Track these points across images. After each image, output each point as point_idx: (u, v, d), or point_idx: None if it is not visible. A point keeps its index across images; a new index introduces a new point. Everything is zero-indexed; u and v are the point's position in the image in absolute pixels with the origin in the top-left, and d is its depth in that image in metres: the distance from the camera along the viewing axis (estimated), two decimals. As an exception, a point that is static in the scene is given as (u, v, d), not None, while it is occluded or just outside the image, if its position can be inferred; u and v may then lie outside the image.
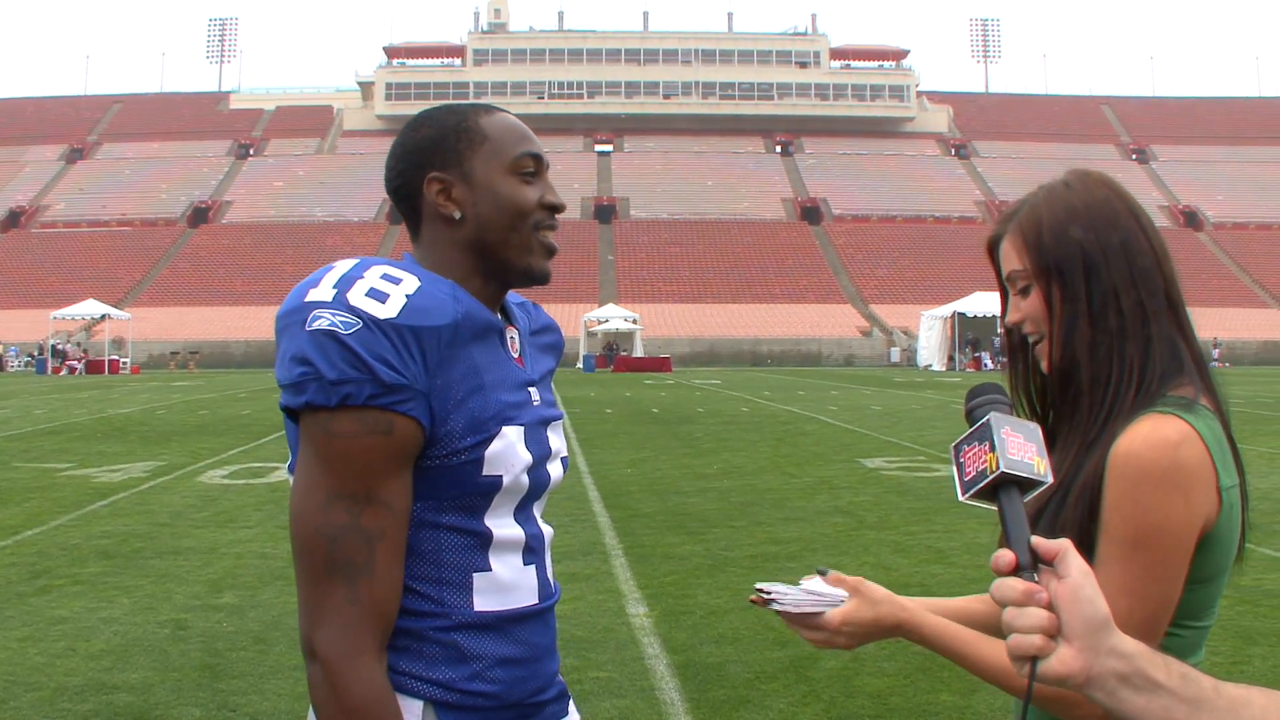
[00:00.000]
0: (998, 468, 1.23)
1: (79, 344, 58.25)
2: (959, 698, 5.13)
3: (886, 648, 5.97)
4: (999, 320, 1.83)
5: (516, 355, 1.76)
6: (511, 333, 1.78)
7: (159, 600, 7.11)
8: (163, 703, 5.14)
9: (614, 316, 59.59)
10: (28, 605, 6.97)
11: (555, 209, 1.76)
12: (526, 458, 1.67)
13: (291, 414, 1.58)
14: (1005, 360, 1.88)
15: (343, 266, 1.60)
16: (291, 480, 1.61)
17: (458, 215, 1.71)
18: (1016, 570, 1.18)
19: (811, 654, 5.86)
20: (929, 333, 56.10)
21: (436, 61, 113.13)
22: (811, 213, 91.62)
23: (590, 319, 59.57)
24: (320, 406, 1.52)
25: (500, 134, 1.73)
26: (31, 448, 16.47)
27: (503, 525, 1.68)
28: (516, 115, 1.79)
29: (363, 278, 1.57)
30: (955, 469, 1.29)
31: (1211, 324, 66.89)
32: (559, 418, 1.84)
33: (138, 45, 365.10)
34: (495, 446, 1.63)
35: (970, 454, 1.27)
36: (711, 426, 20.27)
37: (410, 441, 1.56)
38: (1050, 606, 1.15)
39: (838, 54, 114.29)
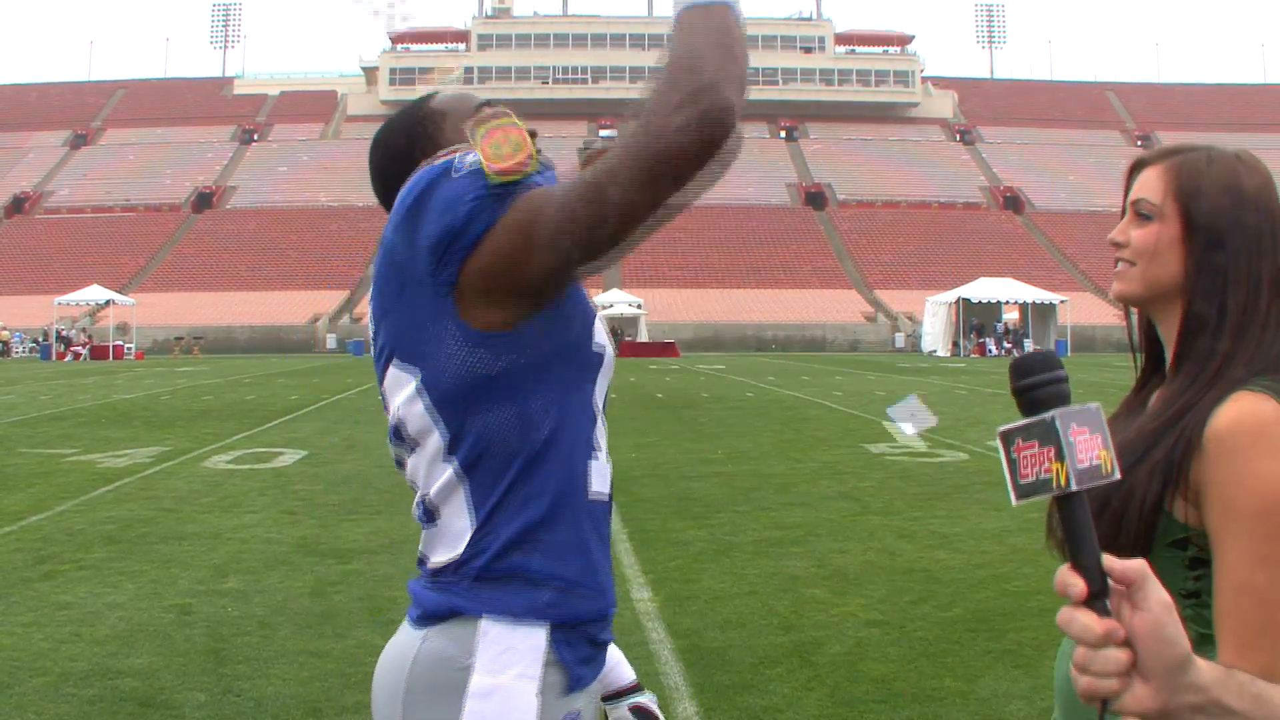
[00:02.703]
0: (1068, 483, 1.08)
1: (83, 330, 58.26)
2: (962, 683, 5.13)
3: (891, 634, 5.97)
4: (1002, 306, 1.84)
5: None
6: None
7: (164, 585, 7.12)
8: (168, 687, 5.15)
9: (618, 302, 59.56)
10: (33, 590, 6.98)
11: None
12: (608, 344, 1.84)
13: (451, 248, 1.64)
14: (1011, 347, 1.89)
15: (437, 159, 1.73)
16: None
17: None
18: (1088, 599, 1.07)
19: (815, 639, 5.87)
20: (934, 318, 56.01)
21: (440, 46, 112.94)
22: (816, 198, 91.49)
23: (595, 304, 59.46)
24: (514, 190, 1.65)
25: (451, 104, 1.93)
26: (36, 433, 16.49)
27: (600, 414, 1.84)
28: (520, 100, 1.85)
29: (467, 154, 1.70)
30: (1005, 462, 1.13)
31: None
32: None
33: (141, 30, 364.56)
34: (596, 324, 1.81)
35: (1028, 454, 1.11)
36: (716, 412, 20.27)
37: None
38: (1125, 640, 1.06)
39: (842, 39, 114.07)
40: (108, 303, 57.69)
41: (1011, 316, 57.40)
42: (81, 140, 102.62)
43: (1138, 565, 1.08)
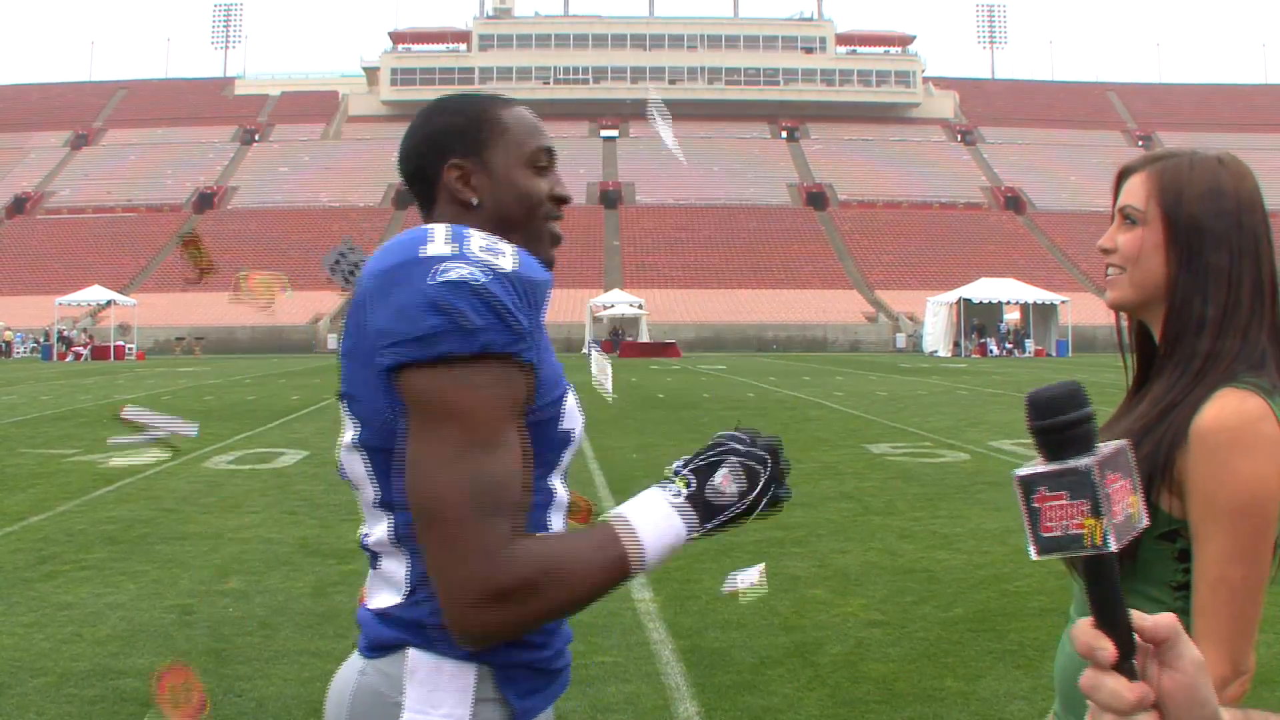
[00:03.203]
0: (1104, 543, 0.94)
1: (84, 330, 58.28)
2: (963, 683, 5.13)
3: (892, 634, 5.97)
4: (1003, 306, 1.87)
5: None
6: None
7: (165, 586, 7.12)
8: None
9: (619, 302, 59.56)
10: (34, 591, 6.98)
11: (563, 200, 1.83)
12: (581, 417, 1.77)
13: (395, 374, 1.55)
14: (1012, 348, 1.91)
15: (443, 227, 1.60)
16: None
17: (475, 201, 1.75)
18: (1118, 662, 0.96)
19: (817, 639, 5.87)
20: (935, 319, 56.02)
21: (442, 47, 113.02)
22: (817, 198, 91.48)
23: (596, 305, 59.50)
24: (457, 357, 1.51)
25: (519, 127, 1.79)
26: (37, 433, 16.50)
27: (559, 486, 1.75)
28: (522, 100, 1.84)
29: (469, 235, 1.59)
30: (1025, 512, 0.98)
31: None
32: None
33: (142, 31, 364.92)
34: (569, 400, 1.72)
35: (1054, 505, 0.96)
36: (717, 412, 20.26)
37: (528, 390, 1.60)
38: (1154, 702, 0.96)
39: (844, 39, 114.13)
40: (109, 303, 57.67)
41: (1013, 317, 57.43)
42: (83, 140, 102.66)
43: (1169, 622, 0.97)
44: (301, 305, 67.83)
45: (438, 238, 1.57)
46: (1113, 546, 0.94)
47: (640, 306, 59.56)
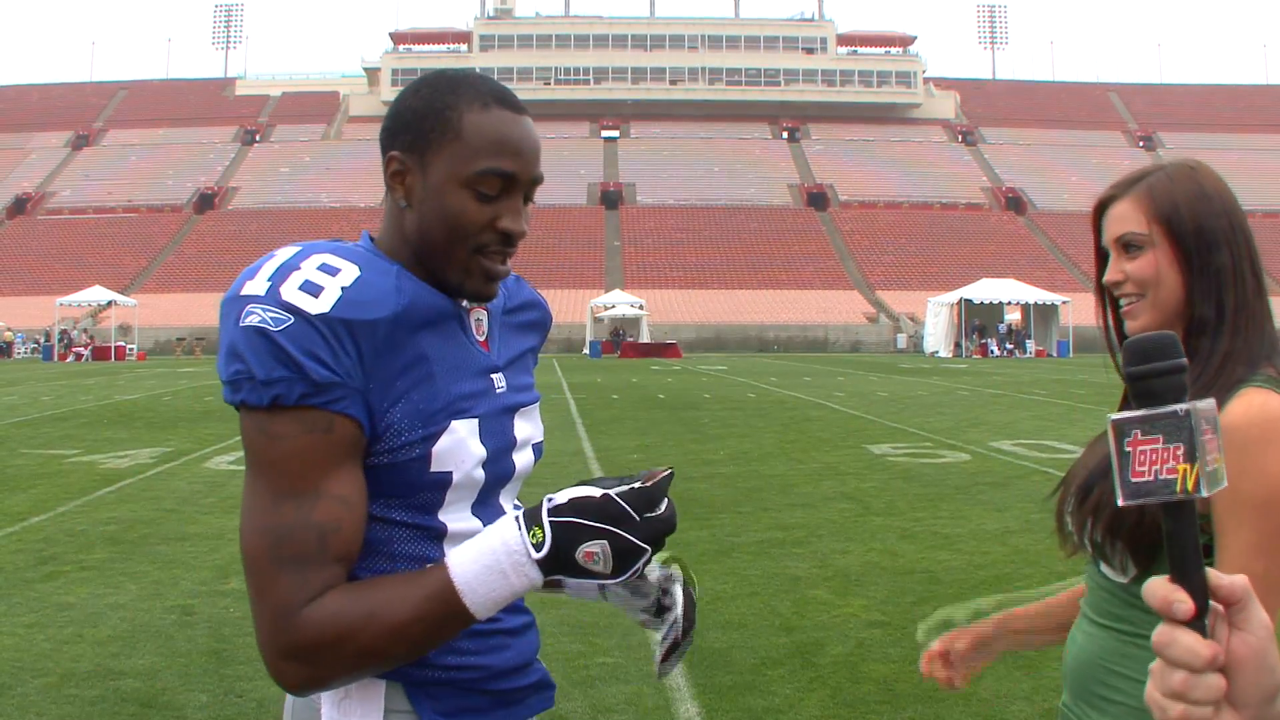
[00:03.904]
0: (1195, 489, 0.92)
1: (85, 330, 58.29)
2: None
3: (891, 634, 5.97)
4: (1004, 307, 1.88)
5: (481, 339, 1.68)
6: (478, 314, 1.69)
7: (165, 586, 7.12)
8: (169, 688, 5.15)
9: (620, 303, 59.54)
10: (34, 591, 6.98)
11: (509, 236, 1.60)
12: (480, 452, 1.59)
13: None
14: (1013, 348, 1.92)
15: (283, 255, 1.51)
16: None
17: (403, 204, 1.60)
18: (1194, 618, 0.92)
19: (817, 640, 5.87)
20: (935, 319, 56.00)
21: (443, 47, 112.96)
22: (818, 199, 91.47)
23: (596, 305, 59.52)
24: (255, 406, 1.44)
25: (475, 139, 1.56)
26: (38, 434, 16.50)
27: (459, 519, 1.61)
28: (523, 101, 1.66)
29: (299, 268, 1.48)
30: (1114, 454, 0.95)
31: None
32: (530, 402, 1.76)
33: (143, 31, 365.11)
34: (443, 442, 1.55)
35: (1148, 448, 0.94)
36: (718, 412, 20.26)
37: (352, 438, 1.48)
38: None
39: (844, 40, 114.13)
40: (109, 303, 57.70)
41: (1014, 317, 57.42)
42: (83, 141, 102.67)
43: (1243, 583, 0.95)
44: (302, 306, 67.73)
45: (261, 273, 1.48)
46: (1205, 492, 0.92)
47: (641, 307, 59.55)
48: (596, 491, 1.42)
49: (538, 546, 1.39)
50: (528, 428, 1.73)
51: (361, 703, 1.56)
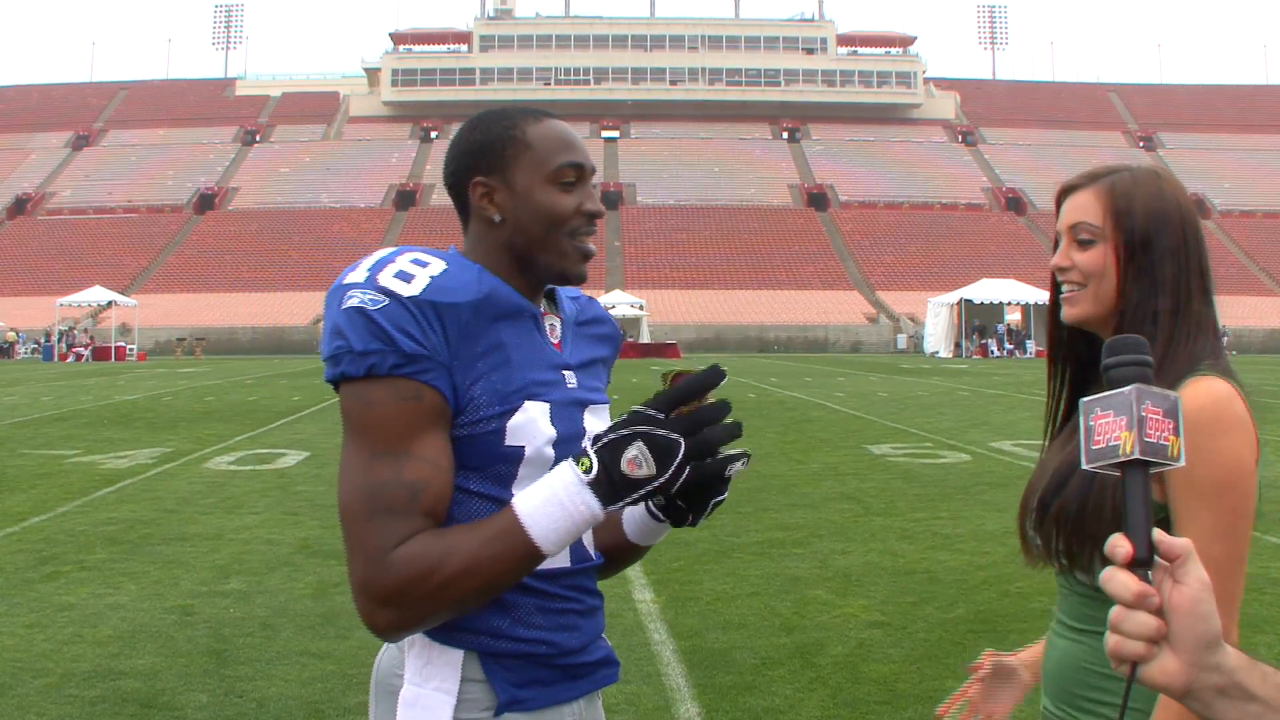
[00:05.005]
0: (1132, 451, 1.15)
1: (85, 330, 58.30)
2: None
3: (892, 634, 5.97)
4: (1004, 307, 1.90)
5: (555, 341, 1.86)
6: (552, 320, 1.88)
7: (166, 586, 7.12)
8: (170, 688, 5.15)
9: (620, 303, 59.50)
10: (35, 592, 6.98)
11: (593, 216, 1.84)
12: (550, 432, 1.75)
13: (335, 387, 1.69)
14: (1013, 348, 1.95)
15: (380, 252, 1.72)
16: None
17: (498, 218, 1.81)
18: (1132, 564, 1.12)
19: (818, 640, 5.87)
20: (935, 319, 56.01)
21: (443, 48, 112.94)
22: (818, 199, 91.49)
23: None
24: (352, 377, 1.64)
25: (543, 143, 1.81)
26: (38, 434, 16.50)
27: None
28: (522, 101, 1.84)
29: (394, 261, 1.69)
30: (1083, 430, 1.19)
31: (1218, 311, 66.69)
32: (601, 403, 1.93)
33: (143, 32, 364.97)
34: (517, 419, 1.71)
35: (1103, 421, 1.18)
36: (717, 413, 20.20)
37: (439, 408, 1.65)
38: (1160, 610, 1.10)
39: (844, 40, 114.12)
40: (110, 304, 57.71)
41: (1014, 317, 57.41)
42: (84, 141, 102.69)
43: (1184, 543, 1.12)
44: (303, 306, 67.86)
45: (360, 266, 1.70)
46: (1137, 454, 1.13)
47: (641, 307, 59.55)
48: (614, 423, 1.59)
49: (586, 472, 1.54)
50: (597, 424, 1.88)
51: (441, 669, 1.71)
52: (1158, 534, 1.12)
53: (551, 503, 1.56)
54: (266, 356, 57.39)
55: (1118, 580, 1.11)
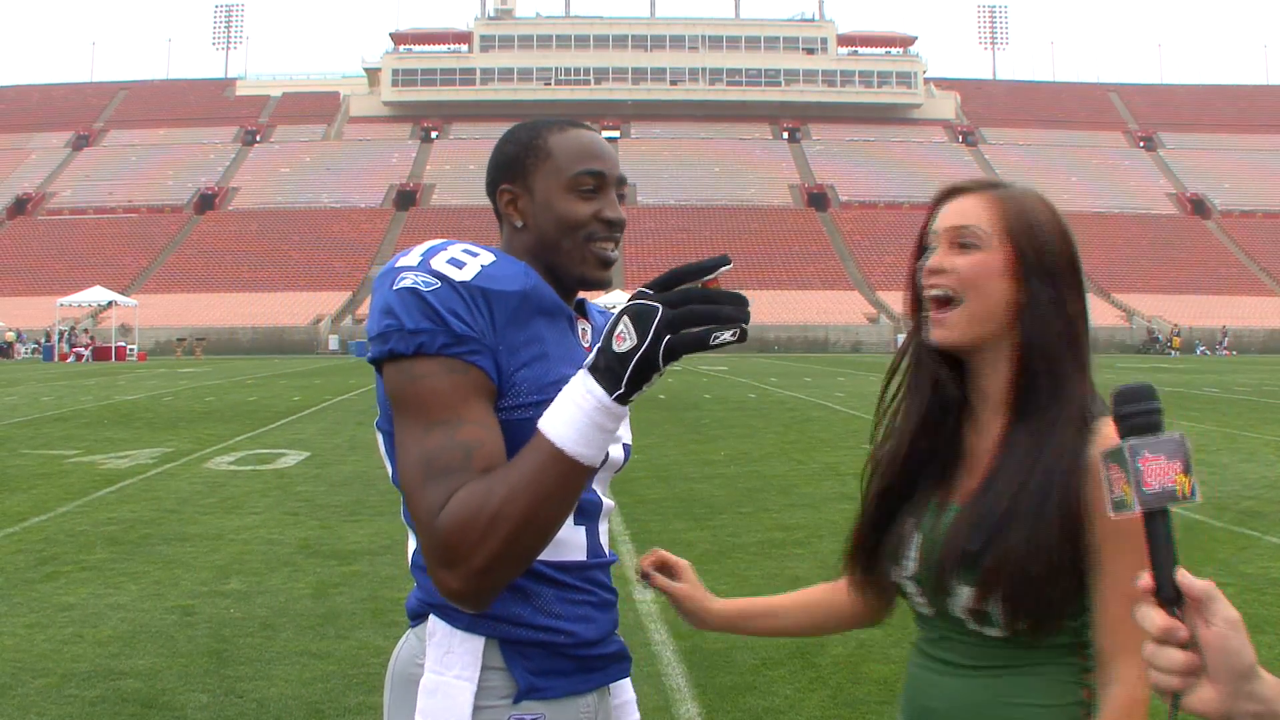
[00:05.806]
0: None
1: (86, 330, 58.30)
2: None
3: (893, 635, 5.96)
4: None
5: (586, 345, 1.92)
6: (584, 325, 1.96)
7: (166, 586, 7.12)
8: (170, 688, 5.15)
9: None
10: (35, 592, 6.98)
11: (612, 224, 1.89)
12: None
13: (379, 366, 1.73)
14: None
15: (432, 242, 1.78)
16: (381, 439, 1.83)
17: (520, 224, 1.89)
18: (1162, 602, 1.20)
19: (818, 641, 5.86)
20: (936, 320, 55.94)
21: (443, 48, 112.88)
22: (818, 199, 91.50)
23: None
24: (401, 354, 1.67)
25: (563, 152, 1.88)
26: (39, 434, 16.50)
27: None
28: (522, 102, 1.85)
29: (446, 249, 1.75)
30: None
31: (1218, 312, 66.73)
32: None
33: (144, 32, 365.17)
34: None
35: (1115, 474, 1.24)
36: (718, 413, 20.26)
37: (485, 384, 1.69)
38: (1190, 642, 1.18)
39: (845, 40, 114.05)
40: (110, 304, 57.70)
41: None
42: (84, 141, 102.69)
43: (1204, 585, 1.19)
44: (303, 306, 67.88)
45: (413, 252, 1.76)
46: (1138, 509, 1.21)
47: (641, 307, 59.50)
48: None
49: (586, 364, 1.58)
50: (621, 428, 1.88)
51: (462, 656, 1.77)
52: (1182, 575, 1.19)
53: (561, 402, 1.59)
54: (266, 356, 57.40)
55: (1146, 614, 1.20)
